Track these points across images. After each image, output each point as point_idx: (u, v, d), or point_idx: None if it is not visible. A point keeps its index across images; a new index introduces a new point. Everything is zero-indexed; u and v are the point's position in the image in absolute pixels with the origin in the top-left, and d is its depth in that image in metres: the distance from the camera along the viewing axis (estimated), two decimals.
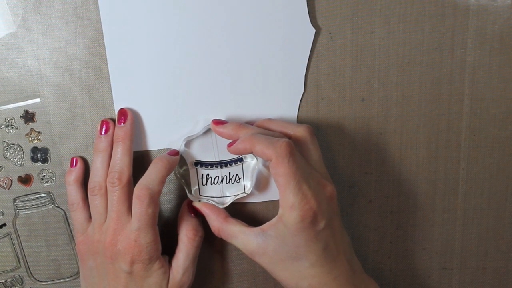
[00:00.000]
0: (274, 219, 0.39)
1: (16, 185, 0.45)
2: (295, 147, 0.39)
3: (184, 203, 0.44)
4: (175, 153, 0.42)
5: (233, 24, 0.42)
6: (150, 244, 0.40)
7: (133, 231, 0.40)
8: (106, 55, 0.42)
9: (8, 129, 0.44)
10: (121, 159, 0.41)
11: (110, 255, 0.40)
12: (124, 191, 0.41)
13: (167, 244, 0.42)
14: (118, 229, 0.40)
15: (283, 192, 0.38)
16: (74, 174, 0.44)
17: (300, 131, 0.41)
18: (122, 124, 0.42)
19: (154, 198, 0.40)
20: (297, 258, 0.39)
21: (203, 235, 0.43)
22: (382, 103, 0.44)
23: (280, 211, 0.38)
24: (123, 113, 0.43)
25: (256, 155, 0.40)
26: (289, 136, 0.41)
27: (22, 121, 0.44)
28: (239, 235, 0.41)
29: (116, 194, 0.41)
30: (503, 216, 0.46)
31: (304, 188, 0.37)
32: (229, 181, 0.44)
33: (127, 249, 0.40)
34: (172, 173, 0.44)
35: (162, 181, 0.40)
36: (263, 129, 0.42)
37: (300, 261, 0.39)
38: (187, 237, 0.42)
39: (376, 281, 0.42)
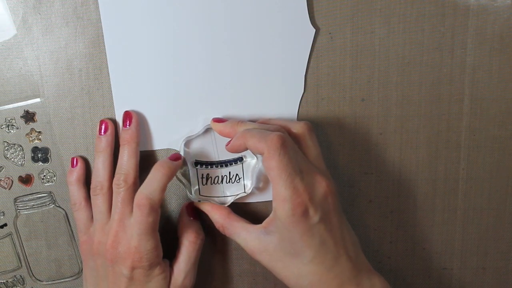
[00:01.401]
0: (271, 215, 0.39)
1: (17, 185, 0.45)
2: (290, 140, 0.38)
3: (183, 207, 0.44)
4: (176, 157, 0.42)
5: (233, 24, 0.42)
6: (151, 251, 0.40)
7: (134, 238, 0.39)
8: (106, 55, 0.42)
9: (8, 129, 0.44)
10: (128, 161, 0.42)
11: (110, 257, 0.40)
12: (129, 193, 0.41)
13: (167, 247, 0.42)
14: (120, 231, 0.40)
15: (275, 185, 0.38)
16: (75, 174, 0.44)
17: (298, 128, 0.41)
18: (127, 126, 0.42)
19: (155, 207, 0.39)
20: (296, 254, 0.39)
21: (204, 238, 0.43)
22: (382, 103, 0.44)
23: (274, 204, 0.38)
24: (128, 115, 0.43)
25: (250, 150, 0.40)
26: (288, 133, 0.41)
27: (22, 121, 0.44)
28: (241, 232, 0.41)
29: (121, 196, 0.41)
30: (503, 216, 0.46)
31: (296, 181, 0.37)
32: (229, 181, 0.44)
33: (127, 254, 0.40)
34: None
35: (163, 189, 0.40)
36: (261, 125, 0.41)
37: (298, 258, 0.39)
38: (188, 240, 0.42)
39: None
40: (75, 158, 0.44)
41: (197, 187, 0.44)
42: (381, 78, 0.44)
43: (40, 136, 0.44)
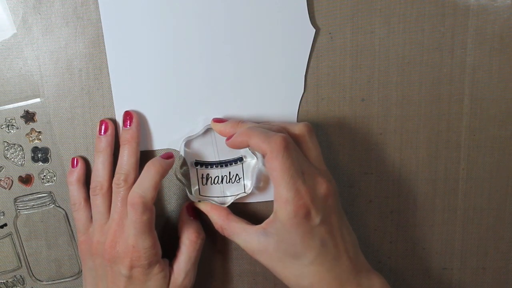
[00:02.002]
0: (271, 216, 0.39)
1: (17, 185, 0.45)
2: (292, 142, 0.38)
3: (183, 207, 0.44)
4: (168, 156, 0.42)
5: (233, 24, 0.42)
6: (149, 249, 0.40)
7: (131, 237, 0.39)
8: (106, 55, 0.42)
9: (8, 129, 0.44)
10: (128, 161, 0.42)
11: (108, 257, 0.40)
12: (128, 192, 0.41)
13: (167, 247, 0.42)
14: (118, 231, 0.40)
15: (277, 187, 0.38)
16: (75, 174, 0.44)
17: (298, 129, 0.41)
18: (128, 126, 0.42)
19: (148, 205, 0.39)
20: (296, 256, 0.39)
21: (204, 238, 0.44)
22: (382, 103, 0.44)
23: (275, 206, 0.39)
24: (128, 115, 0.43)
25: (252, 148, 0.40)
26: (288, 134, 0.41)
27: (22, 121, 0.44)
28: (241, 233, 0.41)
29: (120, 195, 0.41)
30: (503, 216, 0.46)
31: (298, 184, 0.37)
32: (229, 181, 0.44)
33: (126, 254, 0.40)
34: (172, 173, 0.44)
35: (156, 188, 0.39)
36: (262, 124, 0.41)
37: (299, 259, 0.39)
38: (189, 240, 0.42)
39: None
40: (75, 158, 0.44)
41: (197, 187, 0.44)
42: (381, 78, 0.44)
43: (40, 136, 0.44)
